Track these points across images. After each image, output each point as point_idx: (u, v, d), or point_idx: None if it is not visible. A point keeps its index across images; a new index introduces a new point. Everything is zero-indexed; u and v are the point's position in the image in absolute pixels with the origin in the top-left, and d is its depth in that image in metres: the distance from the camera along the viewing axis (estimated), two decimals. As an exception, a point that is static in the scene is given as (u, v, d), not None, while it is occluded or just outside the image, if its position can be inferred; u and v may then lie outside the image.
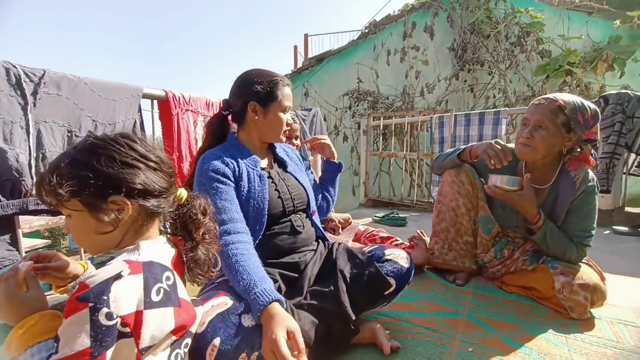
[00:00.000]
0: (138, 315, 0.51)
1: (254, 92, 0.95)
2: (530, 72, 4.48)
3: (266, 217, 0.92)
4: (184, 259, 0.65)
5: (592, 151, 1.20)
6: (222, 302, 0.75)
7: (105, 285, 0.48)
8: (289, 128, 1.02)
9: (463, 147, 1.35)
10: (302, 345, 0.68)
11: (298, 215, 1.01)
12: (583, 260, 1.24)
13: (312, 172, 1.22)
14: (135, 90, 1.55)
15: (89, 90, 1.38)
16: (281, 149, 1.12)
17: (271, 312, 0.71)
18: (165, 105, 1.67)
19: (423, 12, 4.95)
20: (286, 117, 1.00)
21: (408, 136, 3.78)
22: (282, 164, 1.07)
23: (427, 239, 1.57)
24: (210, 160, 0.91)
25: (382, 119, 3.80)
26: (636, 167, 2.42)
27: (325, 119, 4.99)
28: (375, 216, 2.83)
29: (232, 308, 0.74)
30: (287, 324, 0.69)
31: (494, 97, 4.66)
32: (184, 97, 1.71)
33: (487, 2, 4.63)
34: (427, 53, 4.85)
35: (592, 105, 1.17)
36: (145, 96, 1.62)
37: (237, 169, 0.93)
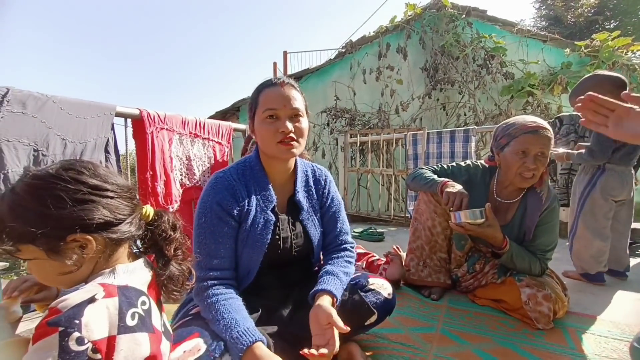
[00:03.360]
0: (111, 340, 0.49)
1: (248, 111, 0.91)
2: (497, 92, 4.79)
3: (258, 267, 0.87)
4: (159, 278, 0.63)
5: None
6: (195, 347, 0.67)
7: (77, 309, 0.47)
8: (281, 133, 0.83)
9: (441, 180, 1.34)
10: None
11: (294, 266, 0.96)
12: (546, 272, 1.31)
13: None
14: (108, 109, 1.52)
15: (57, 108, 1.33)
16: (305, 184, 0.97)
17: (254, 352, 0.67)
18: (139, 124, 1.65)
19: (396, 34, 5.21)
20: (276, 123, 0.83)
21: (384, 152, 3.90)
22: (297, 209, 0.94)
23: (403, 254, 1.61)
24: (221, 188, 0.84)
25: (358, 136, 3.91)
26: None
27: (304, 135, 5.03)
28: (354, 232, 2.86)
29: (205, 355, 0.66)
30: None
31: (465, 115, 4.92)
32: (158, 116, 1.70)
33: (455, 27, 4.95)
34: (401, 73, 5.08)
35: None
36: (118, 115, 1.59)
37: (245, 207, 0.85)
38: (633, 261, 1.90)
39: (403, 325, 1.20)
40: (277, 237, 0.89)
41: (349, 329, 0.73)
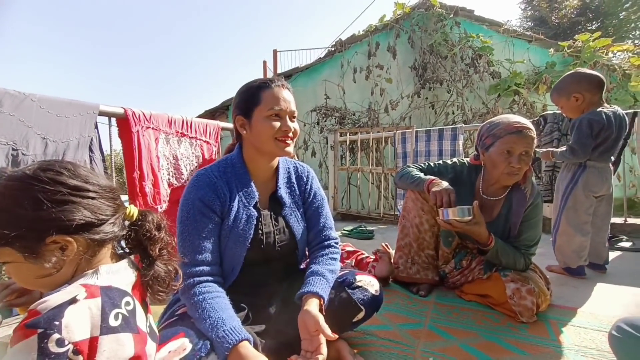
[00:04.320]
0: (93, 341, 0.48)
1: (237, 104, 0.91)
2: (484, 91, 4.88)
3: (242, 263, 0.88)
4: (144, 279, 0.62)
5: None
6: (181, 346, 0.67)
7: (58, 311, 0.46)
8: (284, 132, 0.88)
9: (427, 178, 1.36)
10: None
11: (279, 263, 0.96)
12: (530, 267, 1.35)
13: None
14: (90, 108, 1.48)
15: (36, 106, 1.29)
16: (287, 180, 0.99)
17: (240, 351, 0.67)
18: (124, 123, 1.61)
19: (386, 33, 5.24)
20: (279, 122, 0.87)
21: (374, 151, 3.92)
22: (280, 204, 0.96)
23: (392, 252, 1.62)
24: (203, 185, 0.86)
25: (348, 134, 3.92)
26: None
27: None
28: (344, 230, 2.87)
29: (191, 354, 0.66)
30: None
31: (453, 113, 4.99)
32: (144, 115, 1.67)
33: (443, 27, 5.01)
34: (391, 71, 5.11)
35: None
36: (102, 114, 1.55)
37: (227, 203, 0.86)
38: (612, 255, 1.97)
39: (391, 321, 1.21)
40: (260, 232, 0.90)
41: (336, 336, 0.74)
